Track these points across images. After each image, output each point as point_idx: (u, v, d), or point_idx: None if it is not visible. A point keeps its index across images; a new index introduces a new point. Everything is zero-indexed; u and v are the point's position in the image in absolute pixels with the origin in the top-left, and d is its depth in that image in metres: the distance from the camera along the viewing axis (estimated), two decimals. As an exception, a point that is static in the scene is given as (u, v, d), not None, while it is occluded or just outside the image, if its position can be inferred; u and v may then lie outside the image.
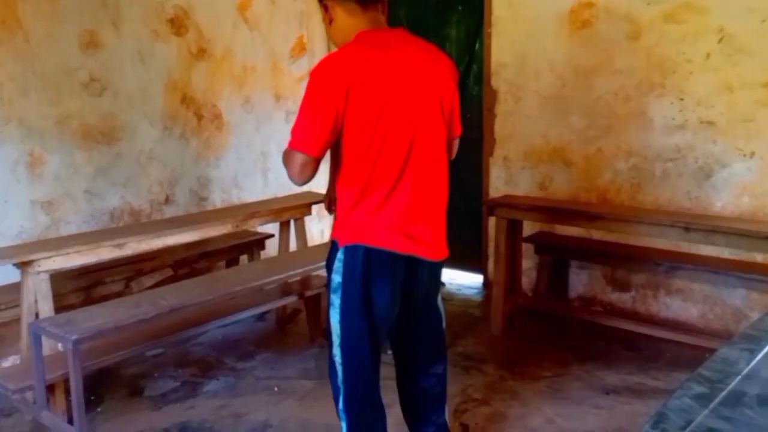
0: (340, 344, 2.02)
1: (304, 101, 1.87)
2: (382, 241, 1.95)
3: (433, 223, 2.06)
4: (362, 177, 1.92)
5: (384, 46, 1.94)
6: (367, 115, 1.86)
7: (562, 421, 2.93)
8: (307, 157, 1.87)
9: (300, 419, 2.96)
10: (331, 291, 2.01)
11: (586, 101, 4.14)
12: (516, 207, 3.83)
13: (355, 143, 1.90)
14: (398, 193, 1.95)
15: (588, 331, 3.88)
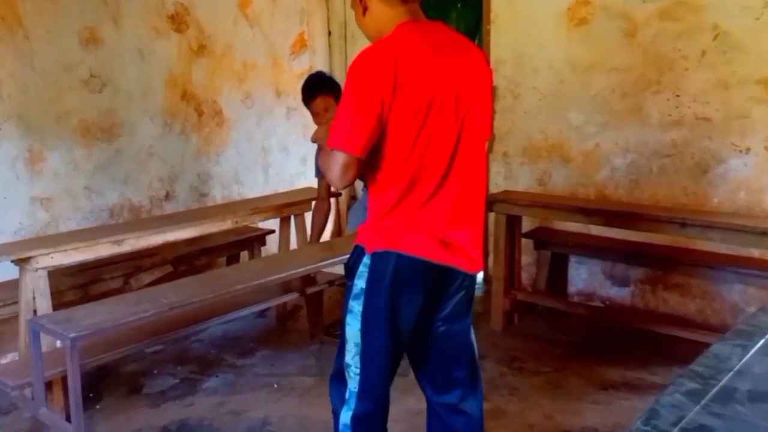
0: (360, 354, 1.88)
1: (345, 96, 1.74)
2: (416, 248, 1.81)
3: (472, 230, 1.91)
4: (403, 179, 1.78)
5: (429, 39, 1.82)
6: (414, 111, 1.74)
7: (560, 416, 2.95)
8: (350, 156, 1.72)
9: (299, 416, 2.97)
10: (352, 297, 1.87)
11: (584, 98, 4.16)
12: (515, 203, 3.85)
13: (399, 142, 1.76)
14: (439, 197, 1.82)
15: (587, 327, 3.90)
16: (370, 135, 1.72)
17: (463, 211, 1.86)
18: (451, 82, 1.79)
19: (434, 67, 1.77)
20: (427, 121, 1.76)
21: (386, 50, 1.73)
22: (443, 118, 1.78)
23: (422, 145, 1.77)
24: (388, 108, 1.71)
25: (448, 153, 1.81)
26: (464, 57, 1.87)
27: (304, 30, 5.25)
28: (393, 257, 1.80)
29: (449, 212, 1.83)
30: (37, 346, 2.13)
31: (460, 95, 1.81)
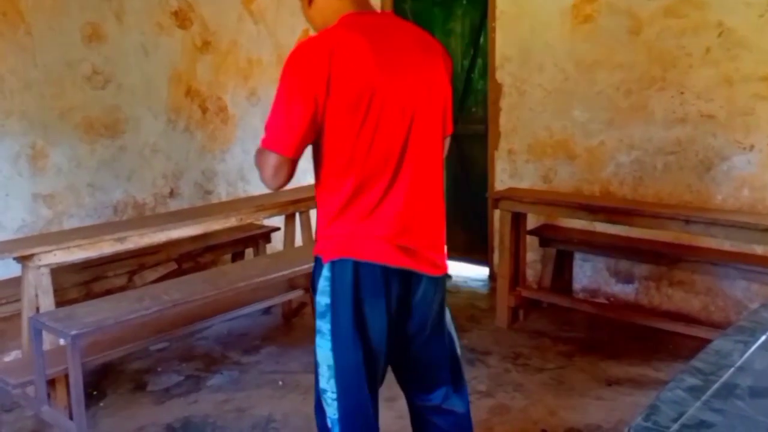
0: (334, 376, 1.74)
1: (278, 93, 1.62)
2: (372, 253, 1.69)
3: (432, 232, 1.79)
4: (348, 180, 1.67)
5: (372, 30, 1.70)
6: (351, 109, 1.62)
7: (564, 412, 2.94)
8: (281, 157, 1.62)
9: (304, 413, 2.96)
10: (318, 316, 1.74)
11: (589, 95, 4.15)
12: (520, 200, 3.84)
13: (338, 142, 1.65)
14: (391, 199, 1.70)
15: (592, 323, 3.89)
16: (303, 135, 1.62)
17: (418, 212, 1.75)
18: (395, 76, 1.67)
19: (375, 61, 1.64)
20: (368, 118, 1.63)
21: (321, 44, 1.61)
22: (387, 115, 1.66)
23: (365, 145, 1.65)
24: (322, 106, 1.60)
25: (396, 152, 1.69)
26: (414, 50, 1.76)
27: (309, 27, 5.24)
28: (350, 265, 1.68)
29: (403, 214, 1.71)
30: (39, 343, 2.13)
31: (407, 90, 1.70)
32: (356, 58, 1.62)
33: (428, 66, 1.78)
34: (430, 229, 1.78)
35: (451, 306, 4.29)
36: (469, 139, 4.99)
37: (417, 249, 1.74)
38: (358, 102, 1.62)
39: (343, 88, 1.60)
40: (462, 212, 5.10)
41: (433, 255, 1.79)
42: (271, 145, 1.62)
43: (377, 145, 1.66)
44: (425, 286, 1.80)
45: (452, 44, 5.00)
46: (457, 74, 4.96)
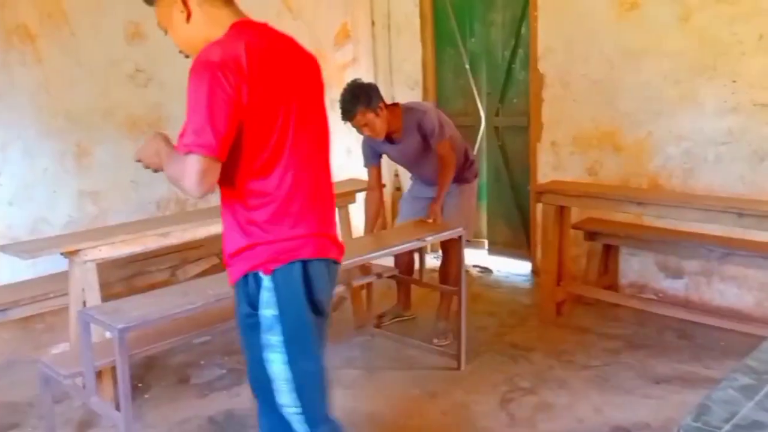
0: (295, 389, 1.71)
1: (194, 96, 1.56)
2: (316, 249, 1.71)
3: (334, 223, 1.88)
4: (274, 182, 1.66)
5: (267, 36, 1.71)
6: (271, 107, 1.63)
7: (610, 410, 2.87)
8: (208, 160, 1.53)
9: (346, 408, 2.94)
10: (265, 330, 1.68)
11: (636, 84, 4.05)
12: (564, 193, 3.76)
13: (256, 144, 1.63)
14: (309, 195, 1.73)
15: (639, 320, 3.80)
16: (227, 135, 1.56)
17: (329, 210, 1.83)
18: (297, 83, 1.71)
19: (280, 64, 1.67)
20: (282, 123, 1.65)
21: (233, 45, 1.60)
22: (296, 119, 1.69)
23: (280, 150, 1.66)
24: (242, 106, 1.57)
25: (305, 156, 1.72)
26: (300, 56, 1.79)
27: (348, 21, 5.24)
28: (299, 267, 1.68)
29: (323, 213, 1.77)
30: (87, 336, 2.16)
31: (304, 93, 1.74)
32: (266, 59, 1.63)
33: (316, 74, 1.83)
34: (334, 220, 1.87)
35: (493, 301, 4.28)
36: (510, 131, 4.92)
37: (335, 238, 1.83)
38: (273, 102, 1.63)
39: (260, 88, 1.60)
40: (503, 206, 5.03)
41: (338, 243, 1.86)
42: (196, 147, 1.53)
43: (293, 146, 1.68)
44: (335, 272, 1.86)
45: (492, 35, 4.93)
46: (498, 65, 4.90)
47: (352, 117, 3.34)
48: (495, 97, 4.94)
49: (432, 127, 3.44)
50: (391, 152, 3.68)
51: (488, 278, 4.77)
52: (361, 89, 3.36)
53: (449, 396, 3.05)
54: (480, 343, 3.58)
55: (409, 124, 3.47)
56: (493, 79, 4.95)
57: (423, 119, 3.44)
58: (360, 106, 3.30)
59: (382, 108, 3.37)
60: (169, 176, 1.64)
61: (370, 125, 3.36)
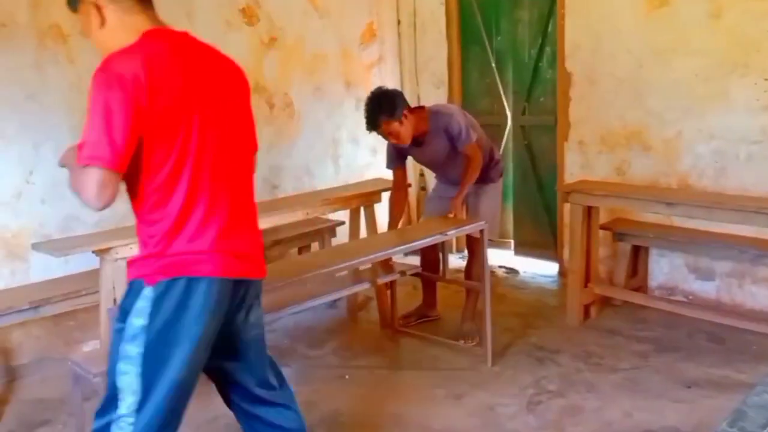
0: (139, 403, 1.67)
1: (94, 107, 1.55)
2: (210, 268, 1.68)
3: (255, 239, 1.84)
4: (173, 197, 1.64)
5: (180, 45, 1.71)
6: (172, 120, 1.61)
7: (640, 414, 2.84)
8: (107, 172, 1.52)
9: (371, 409, 2.97)
10: (126, 340, 1.66)
11: (665, 83, 4.00)
12: (592, 193, 3.71)
13: (158, 155, 1.61)
14: (216, 212, 1.70)
15: (669, 322, 3.74)
16: (127, 147, 1.55)
17: (244, 225, 1.80)
18: (206, 91, 1.69)
19: (187, 75, 1.65)
20: (188, 133, 1.63)
21: (135, 55, 1.59)
22: (205, 129, 1.67)
23: (185, 160, 1.63)
24: (142, 117, 1.56)
25: (216, 167, 1.70)
26: (222, 66, 1.79)
27: (374, 20, 5.24)
28: (183, 284, 1.65)
29: (232, 229, 1.73)
30: (119, 334, 2.18)
31: (218, 105, 1.72)
32: (170, 70, 1.62)
33: (235, 83, 1.82)
34: (252, 236, 1.84)
35: (520, 302, 4.26)
36: (537, 130, 4.89)
37: (246, 255, 1.78)
38: (176, 114, 1.61)
39: (160, 100, 1.58)
40: (530, 206, 5.00)
41: (259, 259, 1.85)
42: (95, 160, 1.52)
43: (198, 160, 1.66)
44: (253, 289, 1.85)
45: (519, 33, 4.90)
46: (525, 64, 4.86)
47: (377, 127, 3.36)
48: (521, 96, 4.91)
49: (459, 130, 3.42)
50: (417, 155, 3.68)
51: (514, 279, 4.74)
52: (386, 98, 3.36)
53: (475, 397, 3.04)
54: (506, 345, 3.56)
55: (436, 128, 3.46)
56: (520, 78, 4.92)
57: (450, 123, 3.43)
58: (383, 116, 3.31)
59: (407, 115, 3.37)
60: (72, 188, 1.62)
61: (394, 134, 3.37)
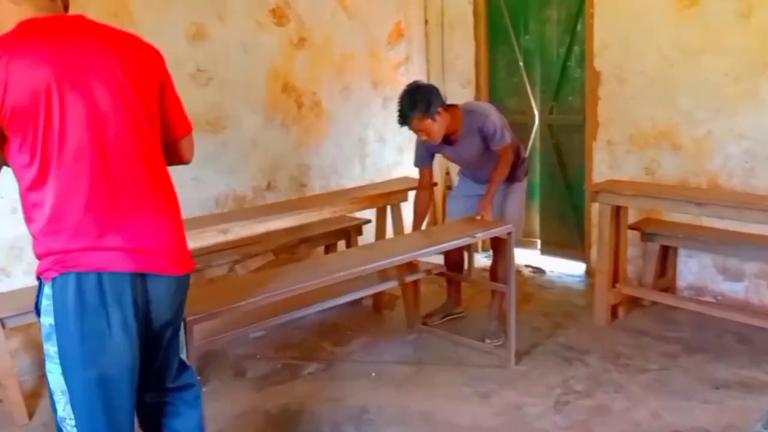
0: (70, 402, 1.65)
1: None
2: (96, 261, 1.61)
3: (157, 231, 1.72)
4: (47, 192, 1.58)
5: (53, 33, 1.62)
6: (28, 119, 1.54)
7: (668, 415, 2.82)
8: None
9: (398, 406, 2.99)
10: (45, 339, 1.64)
11: (695, 82, 3.97)
12: (621, 192, 3.69)
13: (24, 154, 1.57)
14: (102, 204, 1.63)
15: (697, 323, 3.71)
16: None
17: (136, 214, 1.68)
18: (81, 80, 1.60)
19: (54, 65, 1.57)
20: (46, 127, 1.56)
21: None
22: (71, 119, 1.58)
23: (48, 155, 1.57)
24: (3, 115, 1.53)
25: (94, 157, 1.61)
26: (107, 50, 1.67)
27: (401, 19, 5.26)
28: (72, 279, 1.59)
29: (117, 218, 1.64)
30: (153, 328, 2.23)
31: (97, 94, 1.62)
32: (33, 62, 1.55)
33: (125, 67, 1.68)
34: (153, 228, 1.71)
35: (547, 302, 4.24)
36: (565, 129, 4.87)
37: (144, 249, 1.68)
38: (32, 113, 1.54)
39: (21, 95, 1.53)
40: (557, 205, 4.98)
41: (164, 254, 1.72)
42: None
43: (65, 155, 1.58)
44: (167, 286, 1.75)
45: (547, 32, 4.88)
46: (553, 62, 4.85)
47: (409, 123, 3.30)
48: (549, 95, 4.89)
49: (494, 130, 3.38)
50: (448, 153, 3.67)
51: (541, 278, 4.73)
52: (421, 94, 3.28)
53: (501, 396, 3.05)
54: (533, 344, 3.56)
55: (470, 127, 3.42)
56: (548, 77, 4.90)
57: (485, 123, 3.38)
58: (417, 112, 3.25)
59: (440, 113, 3.30)
60: None
61: (426, 131, 3.32)
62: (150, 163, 1.73)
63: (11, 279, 3.27)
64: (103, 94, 1.63)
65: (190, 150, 1.98)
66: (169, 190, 1.80)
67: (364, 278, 3.27)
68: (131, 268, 1.65)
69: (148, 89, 1.73)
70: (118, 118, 1.66)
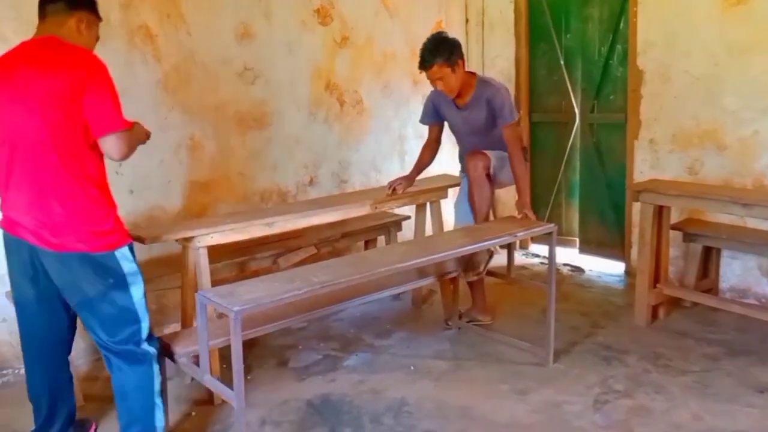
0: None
1: None
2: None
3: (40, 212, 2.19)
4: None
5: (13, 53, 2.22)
6: None
7: (710, 418, 2.80)
8: None
9: (436, 400, 3.02)
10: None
11: (742, 81, 3.91)
12: (664, 192, 3.65)
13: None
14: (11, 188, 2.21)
15: (740, 326, 3.68)
16: None
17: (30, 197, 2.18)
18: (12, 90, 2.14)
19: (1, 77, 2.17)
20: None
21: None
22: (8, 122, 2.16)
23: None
24: None
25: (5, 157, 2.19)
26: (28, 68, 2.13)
27: (442, 18, 5.28)
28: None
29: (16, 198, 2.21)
30: (204, 317, 2.30)
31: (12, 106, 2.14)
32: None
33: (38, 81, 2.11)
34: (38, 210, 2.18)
35: (585, 301, 4.21)
36: (606, 128, 4.84)
37: (27, 225, 2.21)
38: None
39: None
40: (596, 204, 4.96)
41: (41, 232, 2.19)
42: None
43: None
44: (52, 261, 2.24)
45: (589, 30, 4.86)
46: (594, 61, 4.82)
47: (429, 67, 3.30)
48: (590, 94, 4.87)
49: (502, 105, 3.38)
50: (454, 118, 3.61)
51: (579, 277, 4.71)
52: (445, 43, 3.32)
53: (539, 394, 3.06)
54: (571, 343, 3.56)
55: (480, 95, 3.42)
56: (589, 75, 4.88)
57: (495, 96, 3.38)
58: (439, 58, 3.27)
59: (460, 65, 3.34)
60: None
61: (445, 80, 3.32)
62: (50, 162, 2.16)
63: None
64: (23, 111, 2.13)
65: (114, 148, 2.19)
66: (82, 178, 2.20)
67: (404, 274, 3.31)
68: (12, 232, 2.28)
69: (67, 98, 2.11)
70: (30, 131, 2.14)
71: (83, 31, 2.28)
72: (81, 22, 2.27)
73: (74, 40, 2.23)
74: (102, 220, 2.23)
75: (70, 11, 2.24)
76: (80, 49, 2.19)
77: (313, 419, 2.88)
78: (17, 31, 3.15)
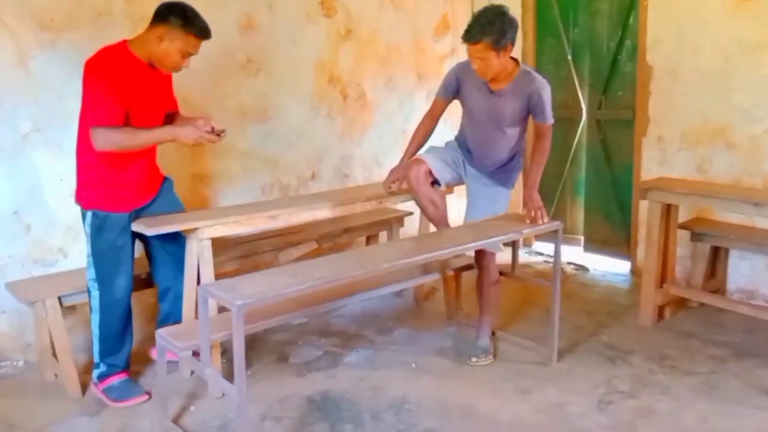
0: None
1: None
2: None
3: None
4: None
5: None
6: None
7: (717, 420, 2.76)
8: None
9: (437, 398, 2.98)
10: None
11: (753, 78, 3.86)
12: (672, 190, 3.60)
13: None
14: None
15: (748, 327, 3.63)
16: None
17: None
18: None
19: None
20: None
21: None
22: None
23: None
24: None
25: None
26: None
27: (448, 12, 5.22)
28: None
29: None
30: (206, 310, 2.26)
31: None
32: None
33: None
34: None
35: (589, 300, 4.17)
36: (613, 124, 4.78)
37: None
38: None
39: None
40: (602, 202, 4.91)
41: None
42: None
43: None
44: None
45: (598, 25, 4.79)
46: (602, 57, 4.76)
47: (474, 43, 2.90)
48: (598, 90, 4.81)
49: (544, 104, 3.09)
50: (479, 102, 3.20)
51: (584, 276, 4.66)
52: (500, 21, 2.89)
53: (543, 393, 3.02)
54: (575, 342, 3.52)
55: (520, 87, 3.08)
56: (597, 71, 4.82)
57: (542, 93, 3.07)
58: (488, 38, 2.86)
59: (507, 51, 2.96)
60: None
61: (486, 61, 2.94)
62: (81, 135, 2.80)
63: (68, 259, 3.37)
64: None
65: (96, 138, 2.68)
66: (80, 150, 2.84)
67: (407, 270, 3.27)
68: None
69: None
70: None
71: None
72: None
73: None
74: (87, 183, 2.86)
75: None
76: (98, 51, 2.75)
77: (313, 415, 2.84)
78: (21, 19, 3.13)
